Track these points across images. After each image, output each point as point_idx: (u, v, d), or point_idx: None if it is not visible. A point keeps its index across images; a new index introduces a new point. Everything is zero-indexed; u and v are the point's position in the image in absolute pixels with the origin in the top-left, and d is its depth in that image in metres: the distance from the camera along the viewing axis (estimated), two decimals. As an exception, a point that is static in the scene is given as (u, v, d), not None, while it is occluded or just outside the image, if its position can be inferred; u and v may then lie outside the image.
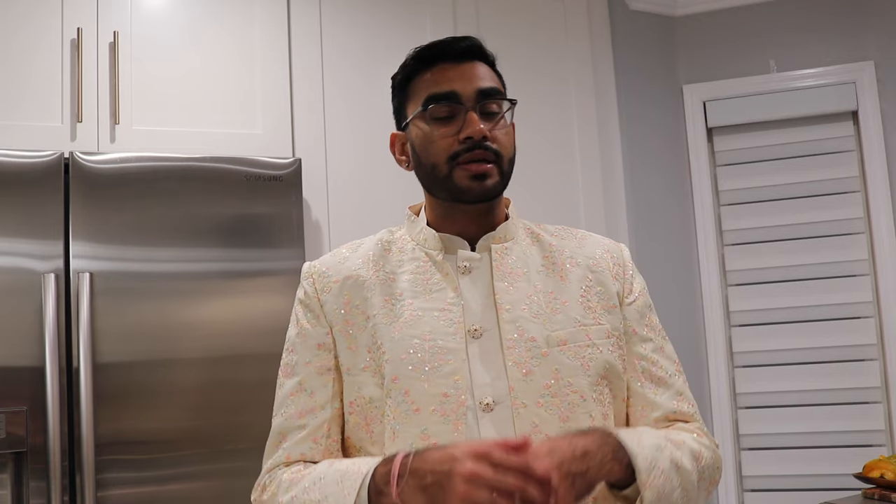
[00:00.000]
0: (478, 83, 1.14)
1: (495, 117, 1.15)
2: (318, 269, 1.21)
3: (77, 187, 2.01)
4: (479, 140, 1.11)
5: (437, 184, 1.16)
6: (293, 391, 1.15)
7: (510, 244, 1.19)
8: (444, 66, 1.15)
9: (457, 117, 1.13)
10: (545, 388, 1.08)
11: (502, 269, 1.16)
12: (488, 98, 1.14)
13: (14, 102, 2.13)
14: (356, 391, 1.12)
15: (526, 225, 1.26)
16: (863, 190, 2.85)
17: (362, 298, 1.15)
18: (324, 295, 1.17)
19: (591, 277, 1.19)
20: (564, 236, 1.25)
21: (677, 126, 2.99)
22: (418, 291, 1.14)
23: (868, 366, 2.76)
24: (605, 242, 1.25)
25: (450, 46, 1.15)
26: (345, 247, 1.24)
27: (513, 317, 1.12)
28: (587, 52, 2.76)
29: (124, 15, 2.24)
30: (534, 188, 2.62)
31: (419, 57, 1.17)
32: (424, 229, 1.19)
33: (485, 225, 1.19)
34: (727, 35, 2.98)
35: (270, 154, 2.27)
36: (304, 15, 2.43)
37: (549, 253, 1.21)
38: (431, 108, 1.13)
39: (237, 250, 2.13)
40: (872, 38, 2.85)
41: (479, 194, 1.13)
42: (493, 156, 1.13)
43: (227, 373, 2.07)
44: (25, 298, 1.92)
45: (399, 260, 1.18)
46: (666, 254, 2.91)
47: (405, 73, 1.19)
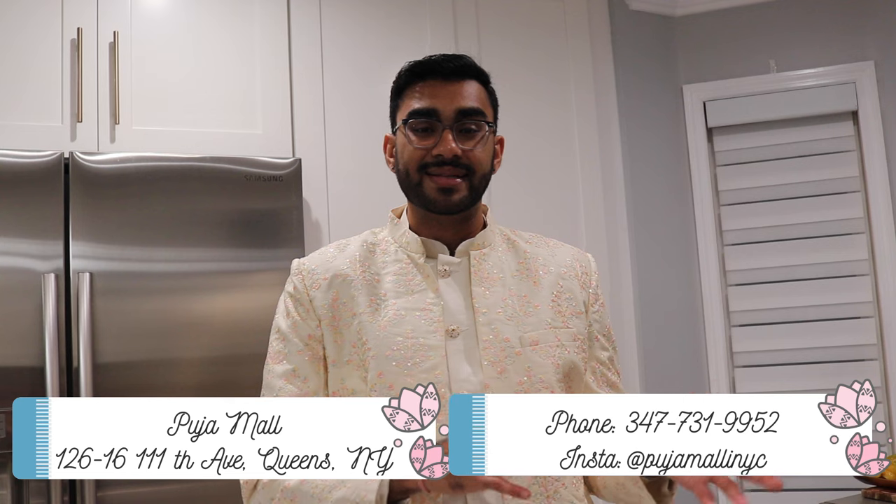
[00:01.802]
0: (459, 102, 1.21)
1: (474, 135, 1.22)
2: (308, 266, 1.27)
3: (77, 187, 2.01)
4: (449, 158, 1.19)
5: (410, 190, 1.24)
6: (286, 376, 1.21)
7: (488, 250, 1.26)
8: (432, 82, 1.22)
9: (435, 132, 1.21)
10: (518, 385, 1.16)
11: (480, 273, 1.23)
12: (467, 118, 1.21)
13: (14, 102, 2.13)
14: (339, 382, 1.20)
15: (503, 231, 1.33)
16: (863, 190, 2.85)
17: (349, 296, 1.22)
18: (312, 291, 1.24)
19: (561, 284, 1.27)
20: (538, 244, 1.33)
21: (677, 126, 2.99)
22: (401, 292, 1.21)
23: (868, 366, 2.76)
24: (574, 252, 1.34)
25: (440, 65, 1.23)
26: (331, 246, 1.32)
27: (489, 319, 1.19)
28: (587, 51, 2.76)
29: (124, 15, 2.24)
30: (534, 188, 2.62)
31: (412, 70, 1.25)
32: (407, 233, 1.26)
33: (461, 232, 1.26)
34: (727, 35, 2.98)
35: (270, 154, 2.27)
36: (304, 15, 2.43)
37: (524, 259, 1.29)
38: (412, 121, 1.22)
39: (237, 250, 2.14)
40: (872, 38, 2.85)
41: (444, 207, 1.21)
42: (464, 171, 1.20)
43: (227, 373, 2.07)
44: (25, 298, 1.92)
45: (383, 261, 1.26)
46: (666, 254, 2.91)
47: (399, 82, 1.27)
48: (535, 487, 1.13)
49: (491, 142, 1.25)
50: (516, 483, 0.97)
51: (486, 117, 1.23)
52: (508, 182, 2.58)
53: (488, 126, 1.23)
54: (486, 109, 1.24)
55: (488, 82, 1.27)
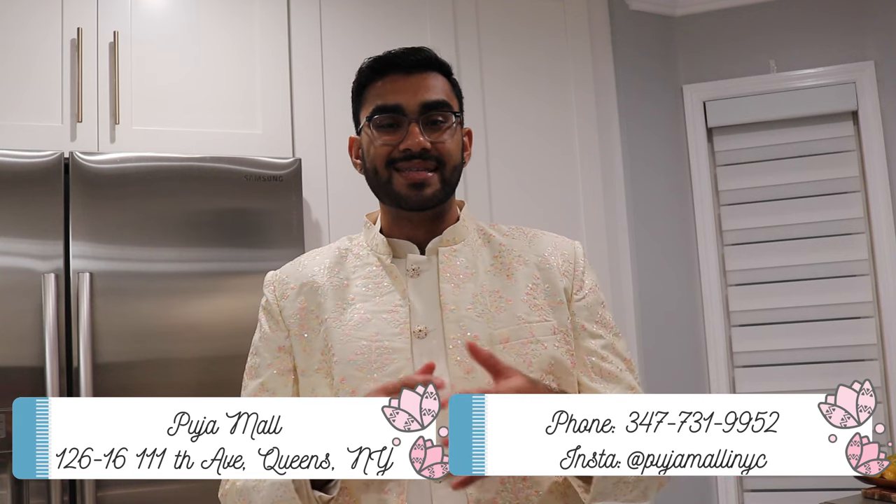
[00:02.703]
0: (423, 95, 1.18)
1: (441, 126, 1.19)
2: (279, 277, 1.27)
3: (77, 187, 2.01)
4: (417, 152, 1.16)
5: (380, 189, 1.21)
6: (255, 392, 1.21)
7: (459, 246, 1.23)
8: (394, 77, 1.20)
9: (401, 127, 1.18)
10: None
11: (449, 270, 1.20)
12: (433, 110, 1.18)
13: (14, 102, 2.13)
14: (310, 391, 1.18)
15: (479, 226, 1.29)
16: (863, 190, 2.85)
17: (316, 304, 1.21)
18: (282, 301, 1.24)
19: (538, 275, 1.22)
20: (516, 236, 1.29)
21: (677, 126, 2.99)
22: (369, 295, 1.19)
23: (868, 366, 2.76)
24: (556, 240, 1.29)
25: (400, 58, 1.20)
26: (305, 255, 1.31)
27: (457, 317, 1.16)
28: (587, 51, 2.76)
29: (124, 15, 2.24)
30: (533, 188, 2.62)
31: (372, 67, 1.22)
32: (376, 235, 1.24)
33: (433, 229, 1.23)
34: (727, 35, 2.98)
35: (270, 154, 2.27)
36: (304, 15, 2.43)
37: (499, 253, 1.24)
38: (376, 118, 1.19)
39: (237, 250, 2.14)
40: (872, 38, 2.85)
41: (417, 203, 1.18)
42: (434, 164, 1.17)
43: (227, 373, 2.05)
44: (25, 298, 1.92)
45: (354, 266, 1.23)
46: (666, 254, 2.91)
47: (359, 80, 1.24)
48: (505, 495, 1.10)
49: (459, 133, 1.22)
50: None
51: (452, 108, 1.21)
52: (509, 182, 2.58)
53: (455, 116, 1.20)
54: (452, 101, 1.21)
55: (451, 73, 1.24)
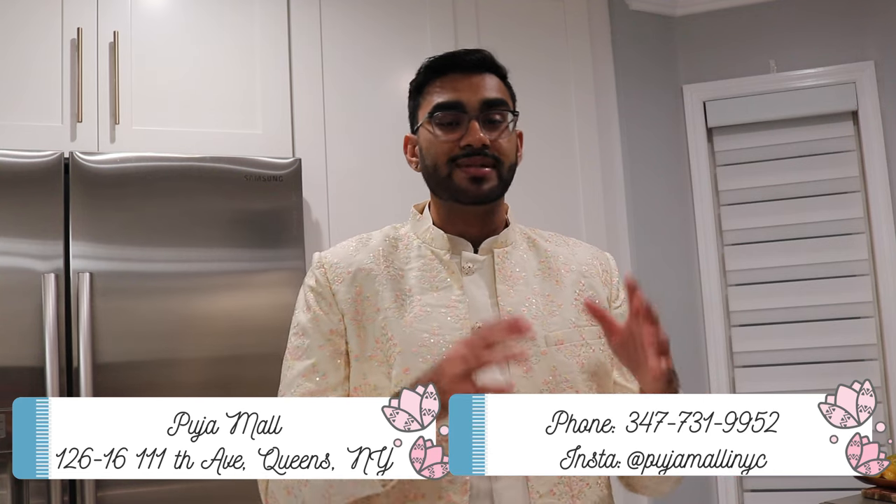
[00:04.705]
0: (483, 94, 1.21)
1: (498, 126, 1.22)
2: (330, 259, 1.26)
3: (77, 187, 2.01)
4: (478, 148, 1.19)
5: (439, 184, 1.23)
6: (305, 372, 1.19)
7: (510, 249, 1.26)
8: (453, 77, 1.23)
9: (461, 125, 1.20)
10: (543, 384, 1.15)
11: (503, 272, 1.23)
12: (492, 108, 1.21)
13: (14, 102, 2.13)
14: (361, 377, 1.18)
15: (523, 230, 1.33)
16: (863, 190, 2.85)
17: (373, 291, 1.21)
18: (335, 285, 1.23)
19: (583, 282, 1.27)
20: (558, 242, 1.34)
21: (677, 126, 2.99)
22: (426, 288, 1.21)
23: (868, 366, 2.76)
24: (593, 250, 1.35)
25: (460, 58, 1.23)
26: (352, 240, 1.30)
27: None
28: (587, 52, 2.76)
29: (124, 15, 2.24)
30: (533, 188, 2.61)
31: (432, 66, 1.25)
32: (431, 228, 1.26)
33: (485, 227, 1.26)
34: (727, 35, 2.98)
35: (270, 154, 2.27)
36: (304, 15, 2.43)
37: (545, 258, 1.29)
38: (437, 115, 1.21)
39: (237, 250, 2.13)
40: (872, 38, 2.85)
41: (476, 196, 1.20)
42: (493, 161, 1.20)
43: (228, 372, 2.07)
44: (25, 298, 1.92)
45: (406, 257, 1.25)
46: (666, 254, 2.91)
47: (419, 80, 1.27)
48: (561, 487, 1.13)
49: (514, 133, 1.26)
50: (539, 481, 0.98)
51: (510, 107, 1.24)
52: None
53: (511, 115, 1.24)
54: (508, 101, 1.25)
55: (506, 77, 1.28)
